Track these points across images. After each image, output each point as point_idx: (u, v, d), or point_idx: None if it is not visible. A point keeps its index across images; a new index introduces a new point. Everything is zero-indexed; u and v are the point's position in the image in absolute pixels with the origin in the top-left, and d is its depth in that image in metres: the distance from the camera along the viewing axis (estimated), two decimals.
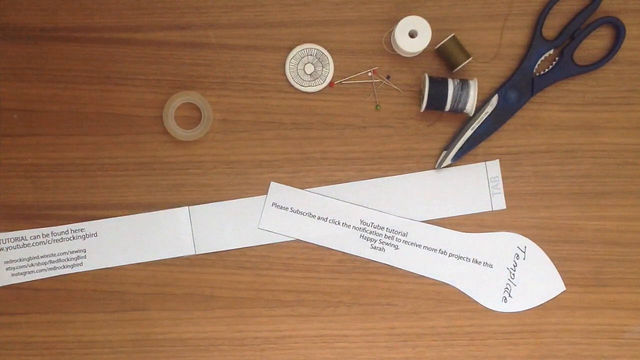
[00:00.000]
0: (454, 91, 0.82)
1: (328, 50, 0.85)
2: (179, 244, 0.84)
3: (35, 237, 0.84)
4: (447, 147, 0.84)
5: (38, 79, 0.85)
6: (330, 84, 0.85)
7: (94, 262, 0.84)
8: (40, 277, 0.84)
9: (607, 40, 0.85)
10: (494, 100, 0.84)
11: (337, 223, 0.84)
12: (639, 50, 0.85)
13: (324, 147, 0.85)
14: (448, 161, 0.84)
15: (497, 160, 0.84)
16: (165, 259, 0.85)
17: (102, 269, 0.84)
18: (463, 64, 0.84)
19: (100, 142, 0.85)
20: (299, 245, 0.85)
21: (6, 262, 0.84)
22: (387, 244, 0.84)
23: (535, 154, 0.85)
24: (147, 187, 0.85)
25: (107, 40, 0.85)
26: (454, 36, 0.84)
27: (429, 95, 0.82)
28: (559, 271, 0.85)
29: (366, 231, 0.84)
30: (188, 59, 0.85)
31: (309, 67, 0.85)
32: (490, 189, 0.84)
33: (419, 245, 0.83)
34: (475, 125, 0.84)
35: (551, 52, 0.84)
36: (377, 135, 0.85)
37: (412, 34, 0.82)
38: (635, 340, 0.85)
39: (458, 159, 0.84)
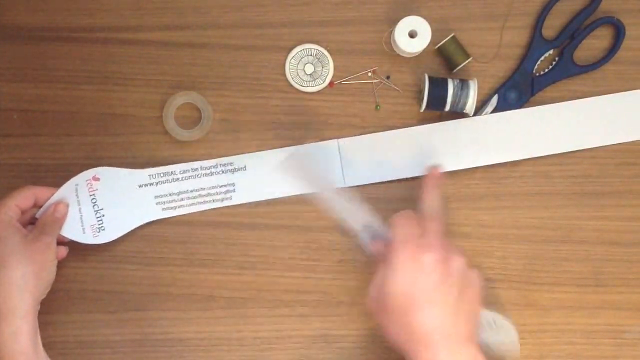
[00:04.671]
0: (453, 91, 0.82)
1: (328, 50, 0.85)
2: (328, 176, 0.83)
3: (184, 172, 0.84)
4: None
5: (38, 79, 0.85)
6: (330, 84, 0.85)
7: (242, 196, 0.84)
8: (190, 212, 0.84)
9: (607, 41, 0.85)
10: (494, 100, 0.84)
11: None
12: (639, 51, 0.85)
13: None
14: None
15: None
16: (165, 258, 0.85)
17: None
18: (463, 64, 0.84)
19: (100, 142, 0.85)
20: (299, 245, 0.85)
21: (156, 197, 0.83)
22: None
23: None
24: None
25: (107, 40, 0.85)
26: (453, 36, 0.84)
27: (428, 95, 0.82)
28: (559, 271, 0.84)
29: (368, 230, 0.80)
30: (188, 59, 0.85)
31: (308, 67, 0.85)
32: None
33: None
34: None
35: (551, 52, 0.84)
36: None
37: (412, 34, 0.82)
38: (635, 340, 0.84)
39: None
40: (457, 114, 0.84)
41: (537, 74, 0.84)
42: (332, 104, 0.85)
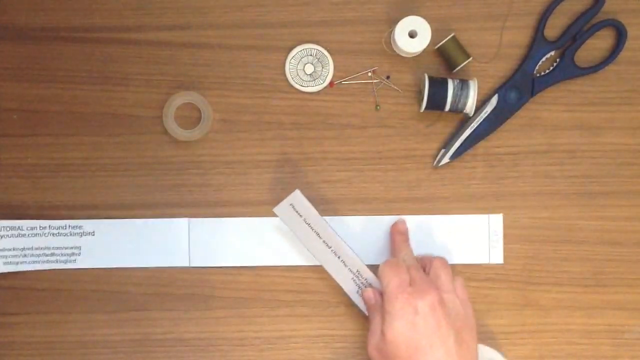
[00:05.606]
0: (453, 91, 0.82)
1: (328, 50, 0.85)
2: (174, 254, 0.84)
3: (32, 229, 0.83)
4: (446, 146, 0.84)
5: (38, 79, 0.85)
6: (330, 84, 0.85)
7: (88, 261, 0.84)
8: (32, 269, 0.83)
9: (609, 42, 0.85)
10: (494, 100, 0.84)
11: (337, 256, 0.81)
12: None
13: (324, 147, 0.85)
14: (446, 159, 0.84)
15: (501, 214, 0.85)
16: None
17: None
18: (463, 64, 0.84)
19: (100, 142, 0.85)
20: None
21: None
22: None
23: (535, 154, 0.85)
24: (147, 187, 0.85)
25: (107, 40, 0.85)
26: (453, 36, 0.84)
27: (428, 95, 0.82)
28: (559, 271, 0.85)
29: (356, 281, 0.81)
30: (188, 59, 0.85)
31: (309, 67, 0.85)
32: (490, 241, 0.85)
33: None
34: (474, 124, 0.84)
35: (552, 53, 0.84)
36: (377, 135, 0.85)
37: (412, 34, 0.82)
38: (635, 340, 0.85)
39: (456, 158, 0.84)
40: (457, 114, 0.84)
41: (538, 75, 0.84)
42: (332, 104, 0.85)
